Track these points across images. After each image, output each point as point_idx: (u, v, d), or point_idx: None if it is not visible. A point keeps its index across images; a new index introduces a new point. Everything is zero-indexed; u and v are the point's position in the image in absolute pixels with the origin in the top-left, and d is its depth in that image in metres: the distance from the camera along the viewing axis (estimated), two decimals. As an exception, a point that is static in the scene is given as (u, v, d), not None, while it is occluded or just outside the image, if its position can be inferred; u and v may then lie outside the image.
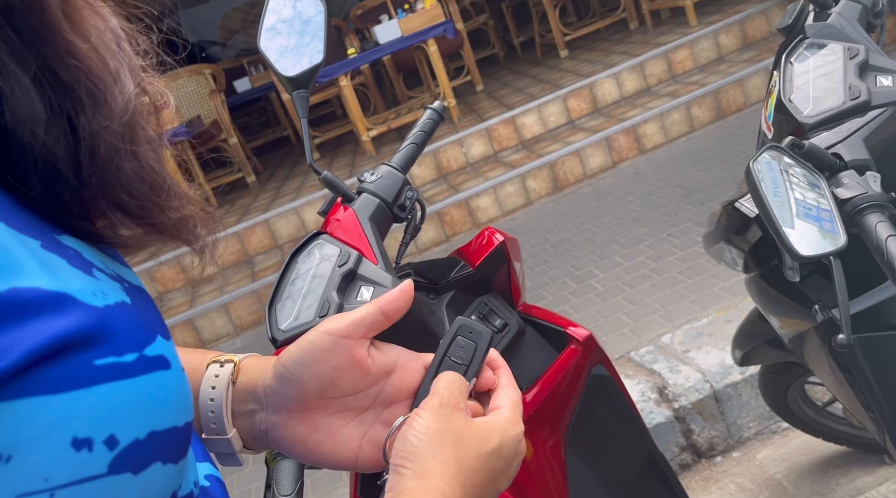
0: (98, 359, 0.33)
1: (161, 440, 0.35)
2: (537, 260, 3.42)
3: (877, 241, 0.93)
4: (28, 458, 0.30)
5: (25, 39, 0.35)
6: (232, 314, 3.96)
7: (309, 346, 0.50)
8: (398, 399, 0.52)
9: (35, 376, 0.30)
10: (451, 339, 0.51)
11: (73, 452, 0.31)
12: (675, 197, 3.36)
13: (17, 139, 0.34)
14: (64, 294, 0.32)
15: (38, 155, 0.35)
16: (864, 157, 1.03)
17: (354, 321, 0.51)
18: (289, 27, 1.00)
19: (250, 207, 4.87)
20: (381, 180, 0.96)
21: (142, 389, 0.34)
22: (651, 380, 2.19)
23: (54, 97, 0.36)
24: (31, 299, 0.31)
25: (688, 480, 2.06)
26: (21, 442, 0.30)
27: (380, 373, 0.52)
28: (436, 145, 4.50)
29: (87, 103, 0.37)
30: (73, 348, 0.32)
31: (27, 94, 0.34)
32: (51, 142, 0.35)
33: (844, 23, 1.20)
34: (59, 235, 0.36)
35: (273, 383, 0.51)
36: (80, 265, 0.35)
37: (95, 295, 0.34)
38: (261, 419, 0.53)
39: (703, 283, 2.64)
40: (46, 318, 0.31)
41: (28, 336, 0.30)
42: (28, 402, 0.30)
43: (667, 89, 4.61)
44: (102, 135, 0.37)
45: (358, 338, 0.51)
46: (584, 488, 1.02)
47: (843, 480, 1.84)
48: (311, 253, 0.89)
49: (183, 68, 5.80)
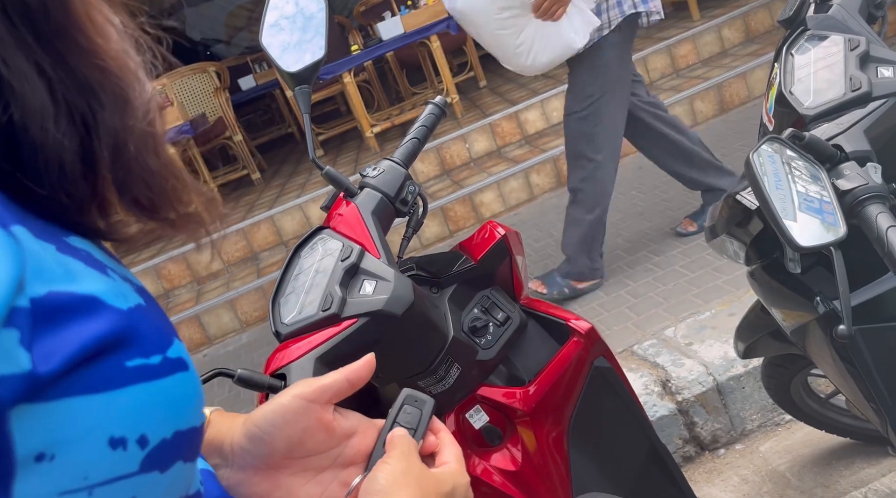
0: (129, 360, 0.34)
1: (184, 439, 0.37)
2: (541, 255, 3.43)
3: (877, 232, 0.93)
4: (70, 456, 0.31)
5: (43, 38, 0.35)
6: (238, 310, 3.98)
7: (280, 408, 0.53)
8: (355, 461, 0.55)
9: (76, 378, 0.31)
10: (399, 407, 0.57)
11: (109, 451, 0.32)
12: (678, 191, 3.36)
13: (27, 135, 0.35)
14: (93, 297, 0.33)
15: (48, 150, 0.35)
16: (864, 148, 1.03)
17: (322, 387, 0.54)
18: (291, 23, 1.00)
19: (255, 204, 4.88)
20: (383, 175, 0.97)
21: (167, 389, 0.36)
22: (654, 373, 2.20)
23: (70, 95, 0.36)
24: (68, 302, 0.32)
25: (691, 472, 2.07)
26: (64, 441, 0.31)
27: (342, 436, 0.55)
28: (439, 141, 4.50)
29: (109, 103, 0.37)
30: (107, 351, 0.33)
31: (36, 89, 0.34)
32: (61, 137, 0.35)
33: (845, 14, 1.20)
34: (67, 237, 0.36)
35: (243, 442, 0.54)
36: (95, 266, 0.36)
37: (118, 297, 0.35)
38: (224, 475, 0.54)
39: (706, 276, 2.64)
40: (83, 321, 0.32)
41: (70, 339, 0.31)
42: (70, 402, 0.31)
43: (670, 83, 4.60)
44: (128, 133, 0.38)
45: (324, 403, 0.54)
46: (588, 480, 1.03)
47: (846, 471, 1.84)
48: (314, 248, 0.90)
49: (187, 66, 5.81)
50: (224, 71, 6.07)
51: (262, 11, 1.01)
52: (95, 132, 0.37)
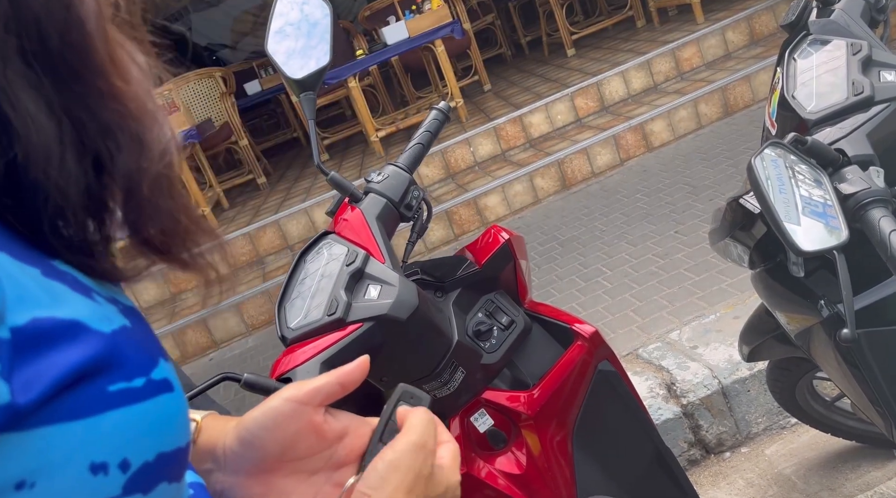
0: (111, 385, 0.34)
1: (167, 461, 0.37)
2: (545, 258, 3.43)
3: (880, 235, 0.93)
4: (50, 483, 0.31)
5: (60, 80, 0.35)
6: (244, 314, 3.99)
7: (271, 412, 0.53)
8: (348, 462, 0.55)
9: (56, 405, 0.31)
10: (394, 403, 0.55)
11: (91, 477, 0.32)
12: (683, 194, 3.36)
13: (28, 176, 0.34)
14: (76, 321, 0.33)
15: (50, 192, 0.35)
16: (867, 152, 1.03)
17: (314, 390, 0.54)
18: (296, 30, 1.01)
19: (261, 208, 4.90)
20: (387, 180, 0.98)
21: (151, 412, 0.35)
22: (659, 376, 2.20)
23: (83, 137, 0.35)
24: (50, 329, 0.32)
25: (696, 475, 2.07)
26: (44, 468, 0.31)
27: (334, 437, 0.55)
28: (444, 145, 4.51)
29: (126, 145, 0.37)
30: (89, 376, 0.33)
31: (42, 132, 0.34)
32: (63, 180, 0.35)
33: (848, 19, 1.20)
34: (53, 260, 0.36)
35: (235, 446, 0.53)
36: (80, 290, 0.35)
37: (102, 321, 0.34)
38: (216, 479, 0.54)
39: (711, 279, 2.64)
40: (65, 347, 0.32)
41: (52, 366, 0.31)
42: (50, 429, 0.31)
43: (674, 87, 4.60)
44: (143, 176, 0.38)
45: (316, 405, 0.54)
46: (592, 483, 1.03)
47: (852, 474, 1.84)
48: (319, 252, 0.91)
49: (193, 72, 5.84)
50: (230, 76, 6.09)
51: (268, 17, 1.02)
52: (110, 174, 0.37)
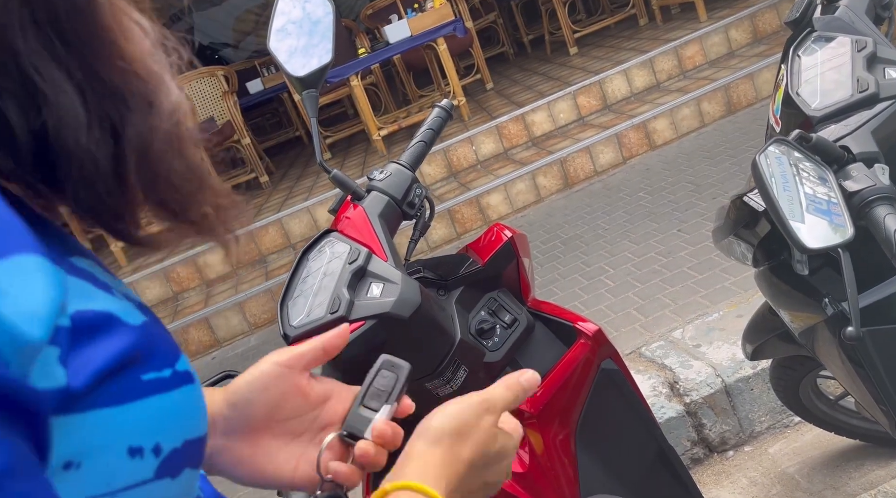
0: (144, 374, 0.36)
1: (192, 447, 0.39)
2: (548, 257, 3.43)
3: (885, 233, 0.93)
4: (95, 464, 0.33)
5: (72, 45, 0.35)
6: (246, 312, 4.00)
7: (260, 374, 0.57)
8: (331, 424, 0.58)
9: (101, 391, 0.34)
10: (376, 371, 0.58)
11: (128, 459, 0.35)
12: (686, 192, 3.35)
13: (61, 144, 0.35)
14: (111, 314, 0.35)
15: (81, 160, 0.36)
16: (872, 149, 1.03)
17: (298, 354, 0.58)
18: (298, 28, 1.01)
19: (263, 207, 4.90)
20: (390, 178, 0.98)
21: (178, 401, 0.38)
22: (662, 375, 2.19)
23: (99, 101, 0.36)
24: (92, 320, 0.34)
25: (700, 474, 2.06)
26: (89, 450, 0.33)
27: (318, 400, 0.58)
28: (446, 143, 4.51)
29: (136, 106, 0.38)
30: (127, 365, 0.35)
31: (72, 100, 0.35)
32: (94, 145, 0.36)
33: (852, 15, 1.19)
34: (71, 258, 0.38)
35: (224, 410, 0.57)
36: (101, 286, 0.37)
37: (129, 314, 0.37)
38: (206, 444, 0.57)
39: (714, 277, 2.63)
40: (106, 337, 0.34)
41: (98, 354, 0.33)
42: (95, 414, 0.33)
43: (677, 85, 4.59)
44: (153, 135, 0.38)
45: (300, 369, 0.58)
46: (595, 482, 1.03)
47: (856, 473, 1.84)
48: (321, 251, 0.90)
49: (196, 70, 5.84)
50: (232, 74, 6.09)
51: (270, 16, 1.02)
52: (124, 136, 0.38)
